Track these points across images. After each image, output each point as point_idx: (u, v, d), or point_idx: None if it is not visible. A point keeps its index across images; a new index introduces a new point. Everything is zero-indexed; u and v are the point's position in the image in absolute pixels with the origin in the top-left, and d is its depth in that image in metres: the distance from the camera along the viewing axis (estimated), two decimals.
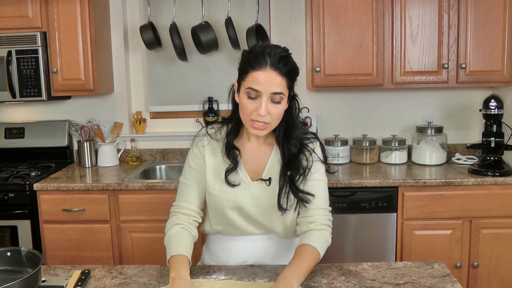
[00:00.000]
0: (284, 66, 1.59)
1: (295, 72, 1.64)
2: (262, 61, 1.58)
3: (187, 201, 1.78)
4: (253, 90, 1.59)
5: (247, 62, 1.61)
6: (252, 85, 1.58)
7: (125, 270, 1.75)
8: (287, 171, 1.70)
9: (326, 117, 3.55)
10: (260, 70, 1.57)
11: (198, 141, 1.80)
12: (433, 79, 3.13)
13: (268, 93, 1.58)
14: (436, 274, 1.66)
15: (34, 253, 1.56)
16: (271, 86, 1.57)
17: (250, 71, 1.59)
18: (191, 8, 3.51)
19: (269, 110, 1.60)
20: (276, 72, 1.58)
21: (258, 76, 1.58)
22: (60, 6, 3.14)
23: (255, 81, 1.58)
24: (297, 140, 1.71)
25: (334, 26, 3.10)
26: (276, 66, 1.57)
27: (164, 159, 3.63)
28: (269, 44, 1.65)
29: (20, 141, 3.54)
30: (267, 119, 1.61)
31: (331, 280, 1.63)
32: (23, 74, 3.16)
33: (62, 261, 2.97)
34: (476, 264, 2.91)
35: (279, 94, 1.59)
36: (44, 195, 2.96)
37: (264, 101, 1.58)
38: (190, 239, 1.72)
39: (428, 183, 2.85)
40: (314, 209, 1.72)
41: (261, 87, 1.58)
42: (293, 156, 1.71)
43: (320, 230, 1.70)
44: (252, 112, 1.60)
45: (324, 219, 1.73)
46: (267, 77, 1.57)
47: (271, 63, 1.57)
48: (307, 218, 1.72)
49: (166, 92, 3.63)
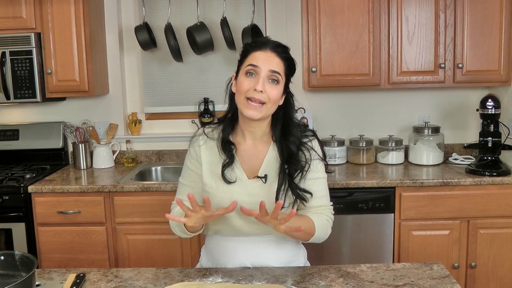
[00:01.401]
0: (283, 52, 1.69)
1: (292, 63, 1.72)
2: (262, 45, 1.69)
3: (184, 201, 1.78)
4: (252, 66, 1.66)
5: (249, 46, 1.72)
6: (252, 62, 1.66)
7: (120, 273, 1.73)
8: (286, 169, 1.70)
9: (322, 118, 3.54)
10: (261, 50, 1.68)
11: (194, 141, 1.83)
12: (430, 79, 3.12)
13: (266, 70, 1.65)
14: (435, 276, 1.65)
15: (28, 257, 1.54)
16: (270, 64, 1.65)
17: (251, 52, 1.69)
18: (186, 8, 3.49)
19: (266, 89, 1.65)
20: (275, 53, 1.68)
21: (258, 55, 1.67)
22: (54, 6, 3.11)
23: (255, 58, 1.66)
24: (295, 138, 1.73)
25: (330, 26, 3.09)
26: (276, 49, 1.68)
27: (159, 161, 3.61)
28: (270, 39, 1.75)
29: (14, 143, 3.51)
30: (263, 97, 1.65)
31: (329, 282, 1.62)
32: (17, 75, 3.14)
33: (57, 264, 2.95)
34: (474, 264, 2.90)
35: (277, 73, 1.66)
36: (39, 198, 2.94)
37: (262, 78, 1.65)
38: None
39: (426, 184, 2.85)
40: (318, 207, 1.77)
41: (260, 63, 1.65)
42: (293, 154, 1.72)
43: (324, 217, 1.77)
44: (249, 89, 1.65)
45: (328, 213, 1.80)
46: (266, 55, 1.66)
47: (271, 47, 1.68)
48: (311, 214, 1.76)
49: (162, 93, 3.61)
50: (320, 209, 1.77)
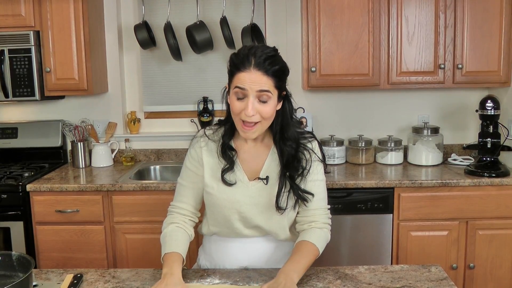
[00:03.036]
0: (270, 65, 1.59)
1: (282, 72, 1.65)
2: (246, 62, 1.59)
3: (183, 202, 1.81)
4: (239, 88, 1.60)
5: (233, 65, 1.63)
6: (238, 84, 1.60)
7: (118, 273, 1.73)
8: (286, 172, 1.70)
9: (321, 118, 3.53)
10: (244, 71, 1.59)
11: (195, 143, 1.81)
12: (430, 79, 3.12)
13: (253, 91, 1.59)
14: (433, 278, 1.65)
15: (25, 257, 1.54)
16: (255, 85, 1.58)
17: (236, 73, 1.61)
18: (186, 7, 3.48)
19: (258, 109, 1.61)
20: (261, 72, 1.59)
21: (242, 77, 1.59)
22: (53, 5, 3.10)
23: (240, 81, 1.60)
24: (292, 141, 1.72)
25: (330, 26, 3.08)
26: (261, 66, 1.58)
27: (158, 160, 3.60)
28: (255, 45, 1.66)
29: (13, 141, 3.50)
30: (256, 118, 1.62)
31: (327, 284, 1.62)
32: (16, 74, 3.13)
33: (55, 263, 2.95)
34: (472, 265, 2.90)
35: (265, 92, 1.60)
36: (37, 196, 2.93)
37: (251, 101, 1.59)
38: (185, 237, 1.74)
39: (424, 184, 2.84)
40: (315, 209, 1.76)
41: (246, 86, 1.59)
42: (291, 157, 1.71)
43: (320, 228, 1.74)
44: (241, 112, 1.62)
45: (324, 218, 1.77)
46: (251, 77, 1.58)
47: (255, 64, 1.58)
48: (308, 218, 1.76)
49: (161, 92, 3.61)
50: (317, 212, 1.76)
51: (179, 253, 1.66)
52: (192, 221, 1.82)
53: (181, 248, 1.69)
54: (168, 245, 1.69)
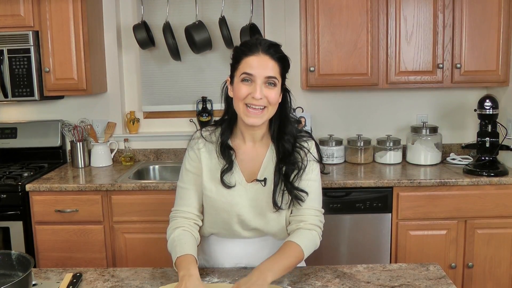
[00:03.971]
0: (276, 52, 1.64)
1: (286, 61, 1.68)
2: (254, 48, 1.63)
3: (186, 205, 1.76)
4: (247, 74, 1.62)
5: (240, 51, 1.67)
6: (246, 70, 1.62)
7: (117, 273, 1.73)
8: (282, 167, 1.69)
9: (320, 117, 3.54)
10: (253, 55, 1.62)
11: (193, 144, 1.79)
12: (428, 79, 3.12)
13: (262, 76, 1.61)
14: (431, 276, 1.65)
15: (24, 257, 1.54)
16: (265, 70, 1.61)
17: (243, 58, 1.64)
18: (184, 7, 3.48)
19: (265, 93, 1.62)
20: (268, 56, 1.62)
21: (251, 61, 1.62)
22: (52, 5, 3.11)
23: (249, 66, 1.62)
24: (290, 136, 1.71)
25: (328, 26, 3.09)
26: (268, 51, 1.63)
27: (157, 159, 3.61)
28: (260, 37, 1.71)
29: (12, 141, 3.51)
30: (263, 102, 1.62)
31: (325, 282, 1.62)
32: (15, 74, 3.13)
33: (55, 262, 2.95)
34: (471, 264, 2.91)
35: (273, 78, 1.63)
36: (37, 196, 2.94)
37: (259, 85, 1.61)
38: (194, 241, 1.69)
39: (423, 183, 2.85)
40: (306, 209, 1.72)
41: (255, 71, 1.61)
42: (288, 152, 1.70)
43: (309, 230, 1.69)
44: (247, 95, 1.62)
45: (314, 219, 1.72)
46: (260, 61, 1.61)
47: (263, 49, 1.63)
48: (298, 217, 1.72)
49: (160, 91, 3.61)
50: (308, 212, 1.71)
51: (193, 255, 1.61)
52: (196, 225, 1.77)
53: (193, 250, 1.63)
54: (180, 248, 1.62)
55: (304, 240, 1.65)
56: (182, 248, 1.62)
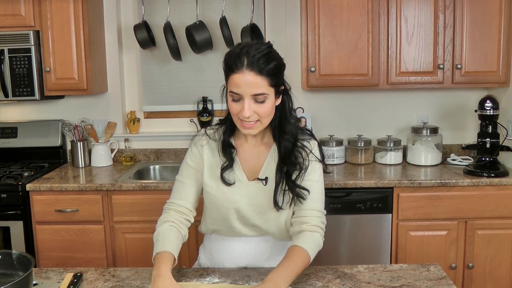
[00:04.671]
0: (264, 64, 1.55)
1: (278, 69, 1.60)
2: (238, 63, 1.55)
3: (181, 199, 1.78)
4: (234, 93, 1.58)
5: (227, 65, 1.60)
6: (232, 89, 1.58)
7: (118, 272, 1.73)
8: (283, 167, 1.69)
9: (321, 117, 3.54)
10: (238, 73, 1.56)
11: (197, 141, 1.80)
12: (429, 79, 3.12)
13: (248, 95, 1.57)
14: (432, 277, 1.65)
15: (25, 256, 1.54)
16: (250, 88, 1.56)
17: (230, 75, 1.58)
18: (185, 7, 3.48)
19: (255, 109, 1.59)
20: (254, 72, 1.55)
21: (236, 79, 1.56)
22: (53, 4, 3.11)
23: (235, 84, 1.57)
24: (290, 135, 1.70)
25: (329, 26, 3.09)
26: (254, 66, 1.55)
27: (158, 159, 3.61)
28: (248, 43, 1.62)
29: (13, 140, 3.51)
30: (253, 118, 1.60)
31: (326, 283, 1.62)
32: (15, 73, 3.13)
33: (55, 262, 2.95)
34: (471, 265, 2.91)
35: (260, 95, 1.57)
36: (37, 196, 2.94)
37: (247, 103, 1.57)
38: (179, 238, 1.70)
39: (424, 184, 2.85)
40: (308, 210, 1.71)
41: (240, 90, 1.56)
42: (288, 152, 1.69)
43: (311, 231, 1.68)
44: (238, 112, 1.60)
45: (317, 221, 1.71)
46: (245, 79, 1.55)
47: (248, 64, 1.55)
48: (300, 218, 1.71)
49: (160, 91, 3.61)
50: (310, 213, 1.71)
51: (171, 252, 1.61)
52: (188, 221, 1.77)
53: (173, 248, 1.64)
54: (161, 245, 1.63)
55: (308, 243, 1.64)
56: (163, 245, 1.63)
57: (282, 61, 1.64)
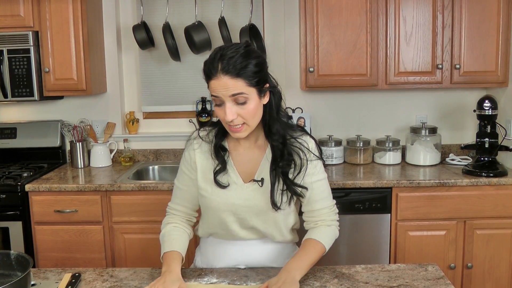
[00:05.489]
0: (239, 65, 1.53)
1: (257, 67, 1.57)
2: (212, 69, 1.55)
3: (179, 204, 1.83)
4: (214, 97, 1.58)
5: (204, 73, 1.60)
6: (212, 93, 1.58)
7: (116, 273, 1.73)
8: (276, 167, 1.68)
9: (320, 118, 3.54)
10: (213, 79, 1.55)
11: (189, 145, 1.81)
12: (427, 79, 3.13)
13: (227, 96, 1.55)
14: (430, 277, 1.65)
15: (23, 257, 1.54)
16: (227, 90, 1.54)
17: (208, 82, 1.58)
18: (184, 7, 3.49)
19: (238, 112, 1.58)
20: (228, 76, 1.53)
21: (213, 85, 1.56)
22: (52, 5, 3.11)
23: (213, 90, 1.57)
24: (278, 136, 1.68)
25: (328, 26, 3.09)
26: (229, 69, 1.53)
27: (157, 160, 3.61)
28: (224, 46, 1.60)
29: (12, 141, 3.51)
30: (238, 121, 1.59)
31: (324, 283, 1.62)
32: (15, 74, 3.13)
33: (54, 262, 2.95)
34: (470, 265, 2.91)
35: (239, 95, 1.55)
36: (36, 196, 2.94)
37: (228, 107, 1.56)
38: (184, 236, 1.77)
39: (422, 184, 2.85)
40: (321, 209, 1.76)
41: (219, 93, 1.56)
42: (279, 152, 1.68)
43: (328, 226, 1.75)
44: (223, 118, 1.60)
45: (331, 215, 1.78)
46: (220, 83, 1.54)
47: (222, 68, 1.53)
48: (314, 218, 1.76)
49: (159, 92, 3.61)
50: (323, 211, 1.75)
51: (178, 251, 1.69)
52: (190, 221, 1.85)
53: (179, 246, 1.72)
54: (167, 244, 1.71)
55: (324, 236, 1.72)
56: (170, 244, 1.71)
57: (261, 58, 1.62)
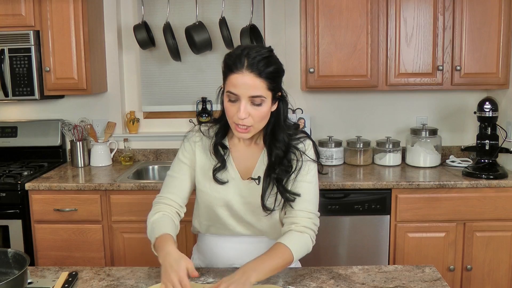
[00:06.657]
0: (264, 67, 1.54)
1: (277, 73, 1.60)
2: (238, 63, 1.54)
3: (170, 193, 1.76)
4: (231, 93, 1.57)
5: (226, 65, 1.59)
6: (230, 89, 1.57)
7: (113, 272, 1.73)
8: (272, 173, 1.68)
9: (320, 119, 3.53)
10: (237, 73, 1.54)
11: (190, 136, 1.80)
12: (428, 81, 3.12)
13: (246, 96, 1.55)
14: (427, 278, 1.65)
15: (20, 255, 1.55)
16: (248, 90, 1.54)
17: (229, 74, 1.57)
18: (185, 8, 3.49)
19: (250, 112, 1.57)
20: (253, 74, 1.54)
21: (235, 79, 1.55)
22: (53, 4, 3.12)
23: (233, 85, 1.55)
24: (282, 144, 1.67)
25: (328, 27, 3.09)
26: (254, 68, 1.53)
27: (157, 159, 3.61)
28: (250, 46, 1.62)
29: (12, 140, 3.52)
30: (248, 122, 1.58)
31: (320, 283, 1.62)
32: (15, 73, 3.14)
33: (53, 261, 2.96)
34: (470, 267, 2.90)
35: (258, 97, 1.56)
36: (36, 195, 2.94)
37: (243, 105, 1.56)
38: (173, 224, 1.68)
39: (422, 186, 2.84)
40: (299, 211, 1.69)
41: (238, 91, 1.55)
42: (278, 159, 1.67)
43: (300, 232, 1.66)
44: (234, 115, 1.58)
45: (307, 222, 1.68)
46: (244, 80, 1.54)
47: (248, 65, 1.54)
48: (290, 219, 1.69)
49: (160, 92, 3.62)
50: (300, 213, 1.68)
51: (169, 233, 1.59)
52: (178, 215, 1.76)
53: (171, 230, 1.62)
54: (157, 230, 1.61)
55: (294, 243, 1.61)
56: (160, 229, 1.61)
57: (281, 66, 1.63)
